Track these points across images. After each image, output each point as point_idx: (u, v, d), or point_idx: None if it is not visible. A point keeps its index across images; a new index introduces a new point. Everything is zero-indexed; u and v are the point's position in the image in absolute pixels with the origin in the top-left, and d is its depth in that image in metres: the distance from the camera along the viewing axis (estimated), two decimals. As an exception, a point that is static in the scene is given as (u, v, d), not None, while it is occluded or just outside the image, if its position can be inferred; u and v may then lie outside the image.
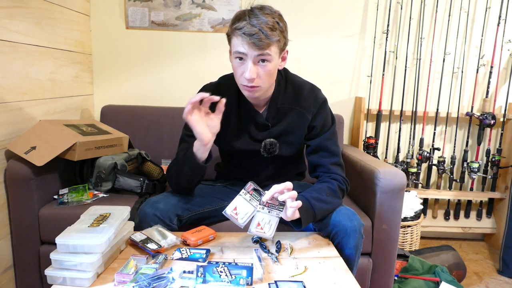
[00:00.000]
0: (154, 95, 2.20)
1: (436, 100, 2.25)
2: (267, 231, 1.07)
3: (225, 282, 0.88)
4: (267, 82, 1.17)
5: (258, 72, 1.12)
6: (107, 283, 0.90)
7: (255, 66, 1.11)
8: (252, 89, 1.15)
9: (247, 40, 1.06)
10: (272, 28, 1.07)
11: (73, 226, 1.00)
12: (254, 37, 1.05)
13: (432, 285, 1.66)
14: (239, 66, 1.13)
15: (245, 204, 1.07)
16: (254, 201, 1.08)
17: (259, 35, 1.05)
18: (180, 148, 1.31)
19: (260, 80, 1.13)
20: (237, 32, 1.08)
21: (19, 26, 1.53)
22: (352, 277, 0.98)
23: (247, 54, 1.09)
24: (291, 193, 1.05)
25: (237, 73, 1.15)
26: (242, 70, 1.13)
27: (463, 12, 2.19)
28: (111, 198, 1.57)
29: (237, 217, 1.06)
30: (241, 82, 1.15)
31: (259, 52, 1.08)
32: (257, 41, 1.06)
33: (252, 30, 1.05)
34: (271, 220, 1.07)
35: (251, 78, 1.10)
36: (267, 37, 1.06)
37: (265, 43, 1.07)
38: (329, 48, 2.22)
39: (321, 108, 1.27)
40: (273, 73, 1.17)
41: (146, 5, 2.11)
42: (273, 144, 1.29)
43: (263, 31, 1.05)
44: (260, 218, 1.06)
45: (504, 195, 2.25)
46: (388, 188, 1.44)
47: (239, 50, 1.09)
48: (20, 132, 1.53)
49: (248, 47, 1.07)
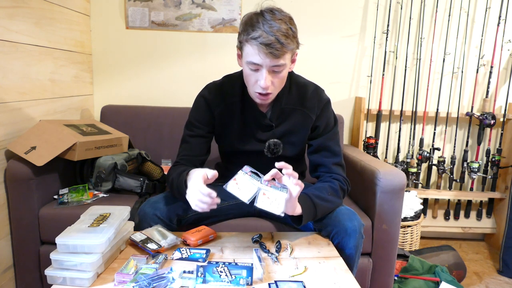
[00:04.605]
0: (154, 95, 2.20)
1: (436, 100, 2.25)
2: (276, 207, 1.00)
3: (225, 282, 0.88)
4: (279, 87, 1.18)
5: (272, 80, 1.12)
6: (107, 283, 0.91)
7: (270, 74, 1.10)
8: (266, 97, 1.15)
9: (264, 49, 1.04)
10: (287, 36, 1.05)
11: (73, 226, 1.00)
12: (271, 47, 1.03)
13: (432, 285, 1.66)
14: (253, 74, 1.12)
15: (247, 181, 1.04)
16: (254, 180, 1.05)
17: (276, 44, 1.03)
18: (181, 149, 1.30)
19: (274, 87, 1.14)
20: (253, 42, 1.05)
21: (19, 26, 1.53)
22: (352, 277, 0.98)
23: (262, 64, 1.08)
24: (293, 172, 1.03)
25: (251, 80, 1.14)
26: (256, 78, 1.12)
27: (463, 12, 2.19)
28: (111, 198, 1.57)
29: (239, 192, 1.02)
30: (255, 89, 1.15)
31: (274, 63, 1.07)
32: (274, 50, 1.04)
33: (268, 40, 1.03)
34: (278, 197, 1.02)
35: (267, 86, 1.10)
36: (283, 46, 1.05)
37: (281, 52, 1.05)
38: (329, 48, 2.22)
39: (324, 109, 1.28)
40: (285, 78, 1.17)
41: (146, 5, 2.11)
42: (277, 144, 1.28)
43: (279, 39, 1.03)
44: (267, 193, 1.02)
45: (504, 195, 2.25)
46: (388, 188, 1.44)
47: (254, 61, 1.08)
48: (20, 132, 1.53)
49: (264, 56, 1.06)
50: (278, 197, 1.02)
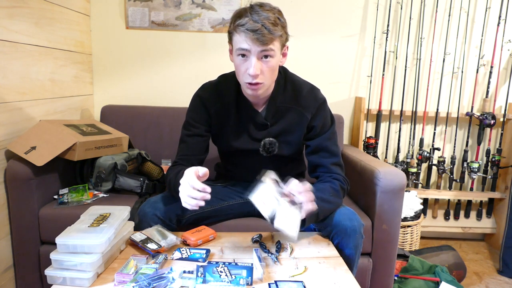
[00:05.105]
0: (154, 95, 2.20)
1: (436, 100, 2.25)
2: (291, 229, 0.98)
3: (225, 282, 0.88)
4: (270, 78, 1.17)
5: (262, 68, 1.12)
6: (107, 283, 0.91)
7: (259, 62, 1.11)
8: (256, 87, 1.14)
9: (251, 36, 1.06)
10: (274, 23, 1.08)
11: (73, 226, 1.00)
12: (258, 33, 1.05)
13: (432, 285, 1.66)
14: (242, 63, 1.12)
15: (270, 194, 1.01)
16: (276, 193, 1.02)
17: (262, 30, 1.05)
18: (179, 149, 1.31)
19: (264, 76, 1.13)
20: (240, 28, 1.08)
21: (19, 26, 1.53)
22: (352, 277, 0.98)
23: (250, 50, 1.09)
24: (310, 195, 1.02)
25: (240, 71, 1.15)
26: (245, 67, 1.12)
27: (463, 12, 2.19)
28: (111, 198, 1.57)
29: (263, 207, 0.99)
30: (245, 79, 1.14)
31: (262, 48, 1.08)
32: (261, 36, 1.06)
33: (255, 26, 1.05)
34: (294, 217, 0.99)
35: (255, 74, 1.10)
36: (270, 32, 1.06)
37: (268, 38, 1.07)
38: (329, 48, 2.22)
39: (320, 108, 1.27)
40: (275, 69, 1.17)
41: (146, 5, 2.11)
42: (272, 143, 1.29)
43: (266, 26, 1.06)
44: (284, 211, 0.99)
45: (504, 195, 2.25)
46: (388, 188, 1.44)
47: (242, 47, 1.09)
48: (20, 132, 1.53)
49: (252, 42, 1.07)
50: (293, 217, 0.99)
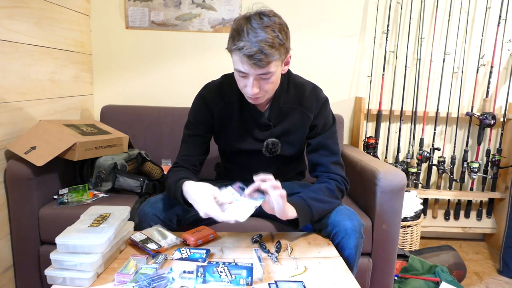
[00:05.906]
0: (154, 95, 2.20)
1: (436, 100, 2.25)
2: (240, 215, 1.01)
3: (225, 282, 0.88)
4: (271, 91, 1.18)
5: (261, 86, 1.11)
6: (107, 283, 0.90)
7: (257, 81, 1.10)
8: (256, 100, 1.17)
9: (247, 61, 1.03)
10: (272, 45, 1.03)
11: (73, 226, 1.00)
12: (255, 58, 1.02)
13: (432, 285, 1.66)
14: (242, 80, 1.12)
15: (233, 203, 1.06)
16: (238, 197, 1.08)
17: (259, 55, 1.02)
18: (181, 149, 1.31)
19: (263, 91, 1.13)
20: (237, 52, 1.05)
21: (19, 26, 1.53)
22: (352, 277, 0.98)
23: (248, 73, 1.08)
24: (272, 182, 1.05)
25: (240, 85, 1.16)
26: (244, 84, 1.12)
27: (463, 12, 2.19)
28: (111, 198, 1.57)
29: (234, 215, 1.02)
30: (245, 93, 1.17)
31: (260, 72, 1.07)
32: (257, 61, 1.03)
33: (251, 51, 1.01)
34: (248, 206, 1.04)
35: (254, 93, 1.11)
36: (267, 57, 1.03)
37: (265, 62, 1.04)
38: (329, 48, 2.22)
39: (322, 108, 1.28)
40: (276, 82, 1.16)
41: (146, 5, 2.11)
42: (275, 143, 1.29)
43: (263, 50, 1.01)
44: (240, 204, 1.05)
45: (504, 195, 2.25)
46: (388, 188, 1.44)
47: (240, 69, 1.08)
48: (20, 132, 1.53)
49: (249, 67, 1.05)
50: (248, 205, 1.04)
